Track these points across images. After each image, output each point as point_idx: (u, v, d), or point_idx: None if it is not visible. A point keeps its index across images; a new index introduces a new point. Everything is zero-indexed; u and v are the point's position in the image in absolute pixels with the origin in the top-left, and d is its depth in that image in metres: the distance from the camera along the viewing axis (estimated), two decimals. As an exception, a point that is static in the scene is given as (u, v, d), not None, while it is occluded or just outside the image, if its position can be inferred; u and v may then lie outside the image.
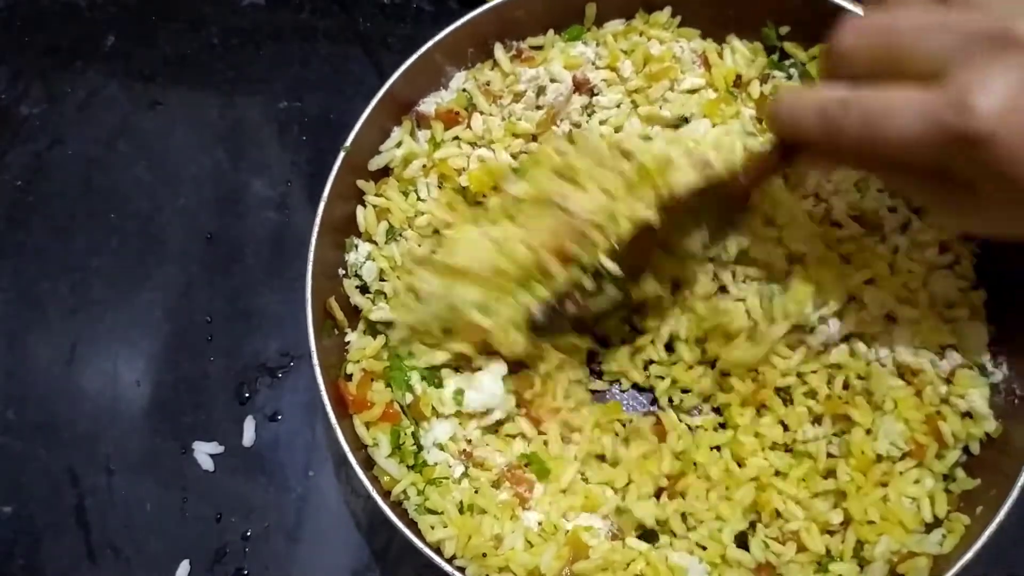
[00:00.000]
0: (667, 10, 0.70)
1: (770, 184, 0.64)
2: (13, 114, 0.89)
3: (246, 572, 0.73)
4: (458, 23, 0.68)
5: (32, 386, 0.79)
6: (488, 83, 0.70)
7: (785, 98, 0.51)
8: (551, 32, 0.71)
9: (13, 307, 0.82)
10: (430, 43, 0.68)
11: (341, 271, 0.69)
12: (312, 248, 0.65)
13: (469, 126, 0.70)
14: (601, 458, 0.66)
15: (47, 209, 0.85)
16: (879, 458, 0.61)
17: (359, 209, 0.69)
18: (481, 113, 0.70)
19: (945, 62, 0.44)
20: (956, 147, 0.43)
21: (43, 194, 0.86)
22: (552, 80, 0.69)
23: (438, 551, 0.60)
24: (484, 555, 0.59)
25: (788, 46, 0.69)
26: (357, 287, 0.68)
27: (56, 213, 0.85)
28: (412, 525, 0.61)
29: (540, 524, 0.62)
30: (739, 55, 0.69)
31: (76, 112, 0.89)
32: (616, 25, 0.71)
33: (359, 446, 0.63)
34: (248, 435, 0.76)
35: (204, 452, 0.75)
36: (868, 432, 0.62)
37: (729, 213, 0.61)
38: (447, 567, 0.58)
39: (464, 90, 0.70)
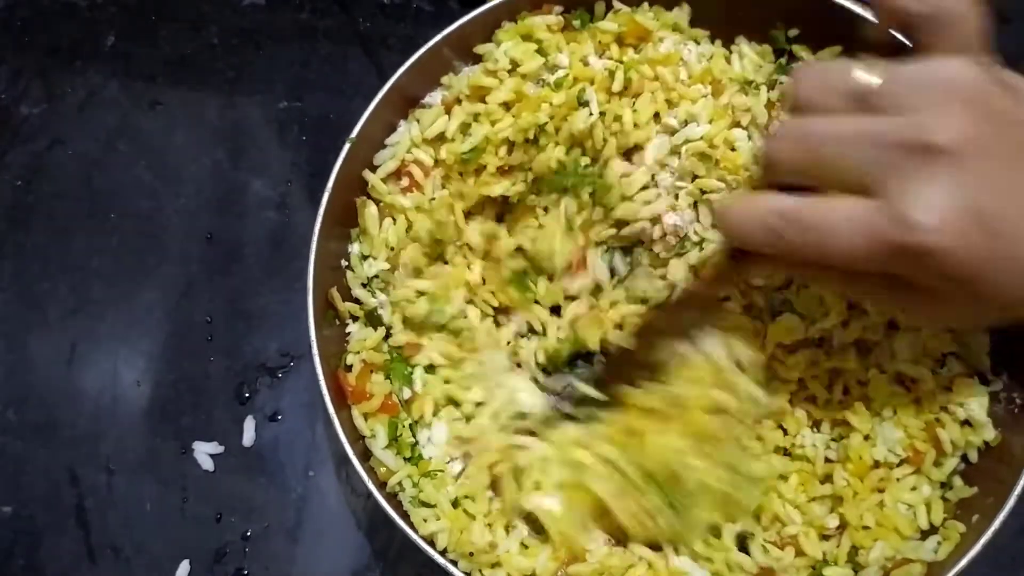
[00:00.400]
0: (686, 8, 0.70)
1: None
2: (13, 114, 0.89)
3: (246, 572, 0.73)
4: (465, 18, 0.68)
5: (32, 386, 0.79)
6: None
7: (732, 206, 0.51)
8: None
9: (13, 307, 0.82)
10: (438, 37, 0.68)
11: (343, 262, 0.69)
12: (315, 237, 0.64)
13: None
14: None
15: (47, 209, 0.85)
16: (876, 464, 0.61)
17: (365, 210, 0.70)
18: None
19: (872, 174, 0.44)
20: (904, 259, 0.44)
21: (43, 194, 0.86)
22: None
23: (436, 548, 0.60)
24: (471, 554, 0.60)
25: (797, 48, 0.69)
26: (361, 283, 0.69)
27: (56, 213, 0.85)
28: (410, 521, 0.61)
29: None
30: (747, 60, 0.69)
31: (76, 112, 0.89)
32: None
33: (357, 438, 0.63)
34: (248, 435, 0.76)
35: (204, 452, 0.75)
36: (866, 438, 0.62)
37: (693, 316, 0.61)
38: (448, 566, 0.58)
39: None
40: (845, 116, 0.46)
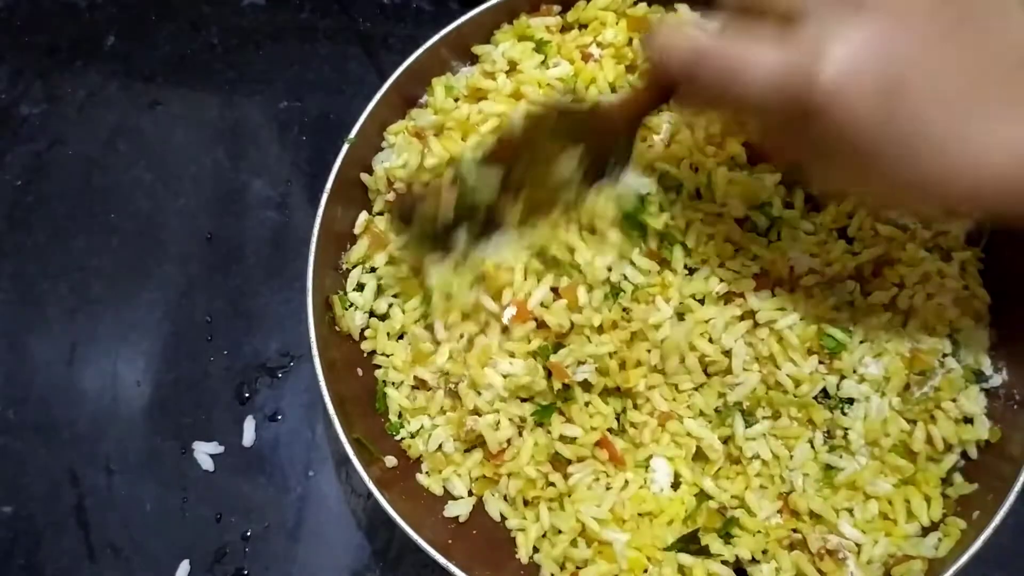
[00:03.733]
0: (687, 9, 0.69)
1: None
2: (13, 114, 0.89)
3: (246, 572, 0.73)
4: (464, 17, 0.68)
5: (32, 386, 0.79)
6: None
7: (657, 35, 0.50)
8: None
9: (13, 307, 0.82)
10: (436, 37, 0.68)
11: (344, 266, 0.69)
12: (314, 241, 0.65)
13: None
14: None
15: (47, 209, 0.85)
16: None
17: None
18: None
19: (801, 7, 0.43)
20: (800, 110, 0.42)
21: (43, 194, 0.86)
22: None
23: (438, 548, 0.59)
24: None
25: None
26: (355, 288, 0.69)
27: (56, 213, 0.85)
28: (412, 524, 0.61)
29: None
30: None
31: (76, 112, 0.89)
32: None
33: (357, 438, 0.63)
34: (248, 435, 0.76)
35: (204, 452, 0.75)
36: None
37: (607, 147, 0.59)
38: (448, 566, 0.58)
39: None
40: None
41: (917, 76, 0.41)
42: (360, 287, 0.68)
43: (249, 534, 0.73)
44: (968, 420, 0.61)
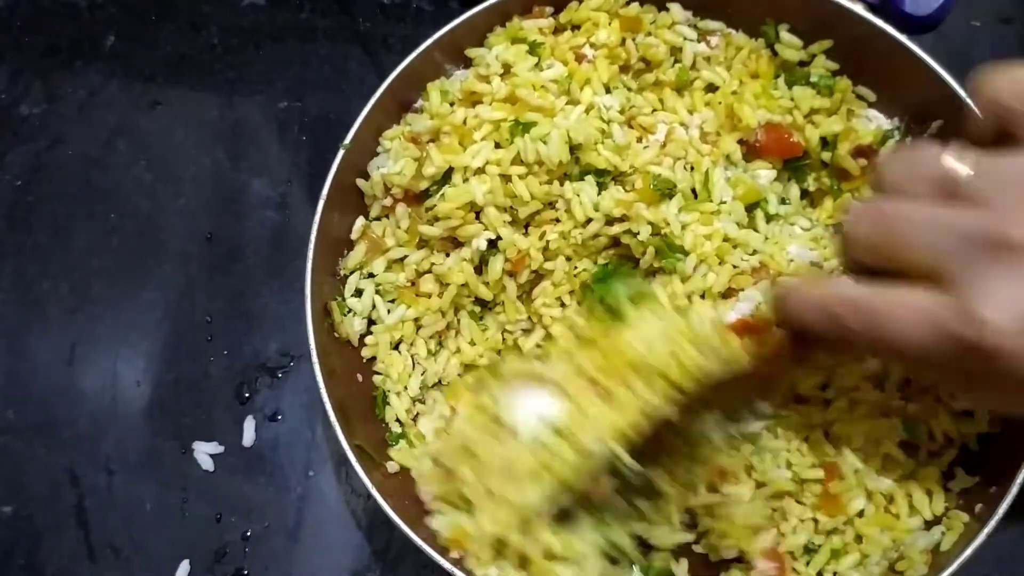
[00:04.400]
0: (679, 9, 0.70)
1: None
2: (13, 114, 0.89)
3: (246, 572, 0.73)
4: (458, 20, 0.68)
5: (32, 386, 0.79)
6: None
7: (790, 293, 0.50)
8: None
9: (13, 307, 0.82)
10: (429, 41, 0.68)
11: (342, 271, 0.69)
12: (311, 248, 0.65)
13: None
14: None
15: (47, 209, 0.85)
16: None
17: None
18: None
19: (945, 263, 0.43)
20: (969, 356, 0.43)
21: (43, 194, 0.86)
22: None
23: (437, 548, 0.59)
24: None
25: (787, 41, 0.69)
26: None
27: (56, 213, 0.85)
28: (412, 524, 0.61)
29: None
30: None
31: (76, 112, 0.89)
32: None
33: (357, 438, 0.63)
34: (248, 435, 0.76)
35: (204, 452, 0.75)
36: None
37: (747, 396, 0.60)
38: (449, 565, 0.58)
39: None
40: (928, 202, 0.45)
41: None
42: (358, 293, 0.68)
43: (249, 534, 0.73)
44: (968, 413, 0.61)
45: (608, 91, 0.68)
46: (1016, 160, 0.44)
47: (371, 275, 0.69)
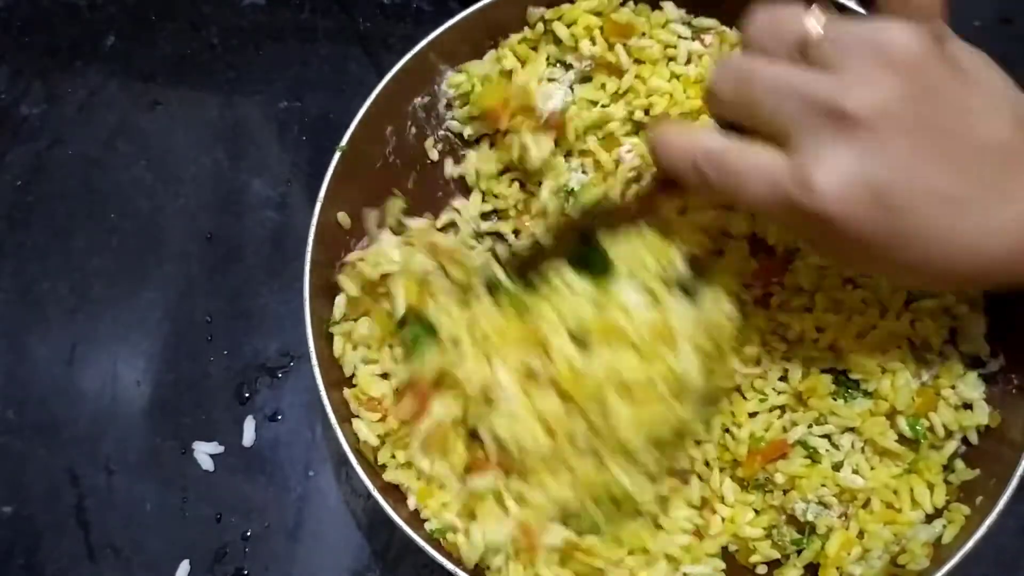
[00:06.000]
0: (673, 7, 0.70)
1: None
2: (13, 114, 0.89)
3: (246, 572, 0.73)
4: (452, 21, 0.68)
5: (32, 386, 0.79)
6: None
7: (663, 135, 0.52)
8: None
9: (13, 307, 0.82)
10: (424, 42, 0.68)
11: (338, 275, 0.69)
12: (309, 248, 0.64)
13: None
14: None
15: (47, 209, 0.85)
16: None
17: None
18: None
19: (788, 126, 0.45)
20: (802, 220, 0.45)
21: (43, 194, 0.86)
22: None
23: (438, 548, 0.59)
24: None
25: None
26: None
27: (56, 213, 0.85)
28: (412, 523, 0.61)
29: None
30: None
31: (76, 112, 0.89)
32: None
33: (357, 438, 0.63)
34: (248, 435, 0.76)
35: (204, 452, 0.75)
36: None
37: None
38: (449, 565, 0.58)
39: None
40: (784, 62, 0.46)
41: (907, 181, 0.44)
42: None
43: (249, 534, 0.74)
44: (967, 406, 0.62)
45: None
46: (866, 25, 0.45)
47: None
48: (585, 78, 0.71)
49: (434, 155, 0.73)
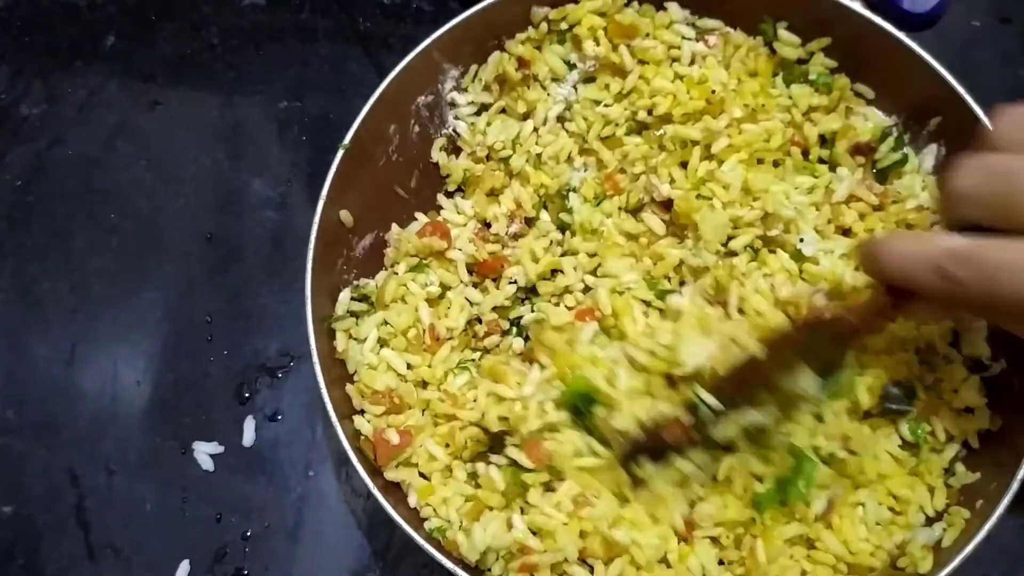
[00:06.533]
0: (677, 8, 0.70)
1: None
2: (13, 114, 0.89)
3: (246, 572, 0.73)
4: (455, 20, 0.68)
5: (32, 386, 0.79)
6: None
7: (894, 247, 0.50)
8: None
9: (13, 307, 0.82)
10: (428, 40, 0.68)
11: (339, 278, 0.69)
12: (311, 248, 0.65)
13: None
14: None
15: (47, 209, 0.85)
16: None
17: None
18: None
19: None
20: None
21: (43, 194, 0.86)
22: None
23: (438, 547, 0.59)
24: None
25: (785, 39, 0.69)
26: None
27: (56, 213, 0.85)
28: (412, 523, 0.61)
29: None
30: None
31: (76, 112, 0.89)
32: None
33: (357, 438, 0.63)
34: (248, 435, 0.76)
35: (204, 452, 0.75)
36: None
37: (835, 351, 0.58)
38: (449, 564, 0.58)
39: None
40: None
41: None
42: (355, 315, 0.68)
43: (249, 534, 0.73)
44: (969, 410, 0.62)
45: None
46: None
47: (364, 297, 0.69)
48: (589, 78, 0.72)
49: (438, 154, 0.74)
